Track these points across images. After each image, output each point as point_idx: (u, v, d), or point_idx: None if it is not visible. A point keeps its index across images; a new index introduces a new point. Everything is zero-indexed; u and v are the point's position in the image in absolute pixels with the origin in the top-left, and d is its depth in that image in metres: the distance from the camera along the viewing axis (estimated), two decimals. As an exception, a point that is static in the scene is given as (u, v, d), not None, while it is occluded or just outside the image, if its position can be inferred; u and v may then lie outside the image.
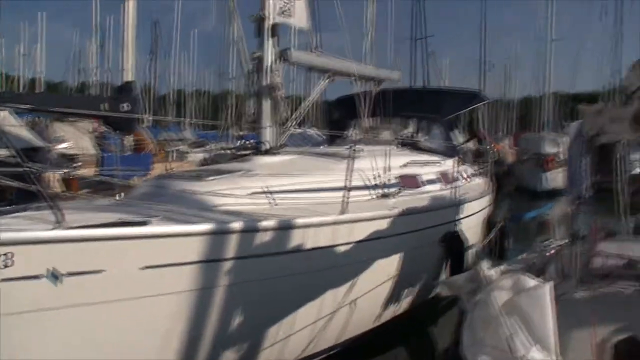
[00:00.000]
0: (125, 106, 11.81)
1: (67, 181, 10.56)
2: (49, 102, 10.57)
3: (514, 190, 22.52)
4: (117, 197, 6.05)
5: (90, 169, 11.23)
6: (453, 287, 4.03)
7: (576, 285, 4.11)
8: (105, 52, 37.24)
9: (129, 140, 12.88)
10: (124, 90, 11.97)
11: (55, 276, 3.57)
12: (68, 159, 12.09)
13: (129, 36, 12.46)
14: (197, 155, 23.35)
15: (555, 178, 23.32)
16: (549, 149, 25.30)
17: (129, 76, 12.69)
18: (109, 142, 12.77)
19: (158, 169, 12.49)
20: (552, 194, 23.17)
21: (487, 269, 3.53)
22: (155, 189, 5.50)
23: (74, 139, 14.28)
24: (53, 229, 3.57)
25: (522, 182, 23.98)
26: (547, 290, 3.10)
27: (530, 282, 3.18)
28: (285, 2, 7.50)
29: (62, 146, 15.85)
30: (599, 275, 4.28)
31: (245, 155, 7.29)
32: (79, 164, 11.33)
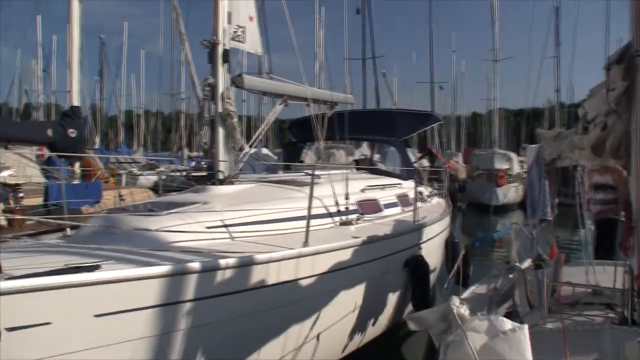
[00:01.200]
0: (72, 132, 11.44)
1: (10, 212, 10.04)
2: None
3: (467, 206, 22.88)
4: (65, 234, 5.71)
5: (36, 199, 10.72)
6: (422, 323, 3.88)
7: (545, 316, 4.04)
8: (49, 74, 36.37)
9: (76, 167, 12.35)
10: (71, 115, 11.54)
11: None
12: (11, 189, 11.49)
13: (74, 60, 11.99)
14: (149, 178, 22.92)
15: (507, 193, 23.79)
16: (501, 165, 25.84)
17: (74, 100, 12.22)
18: (56, 169, 12.24)
19: (108, 196, 12.05)
20: (505, 209, 23.64)
21: (459, 307, 3.40)
22: (105, 226, 5.19)
23: (18, 166, 13.64)
24: None
25: (475, 198, 24.38)
26: (524, 334, 3.00)
27: (507, 324, 3.07)
28: (237, 27, 7.33)
29: (4, 174, 15.10)
30: (566, 304, 4.22)
31: (199, 176, 6.99)
32: (22, 194, 10.76)
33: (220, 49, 6.92)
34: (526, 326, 3.07)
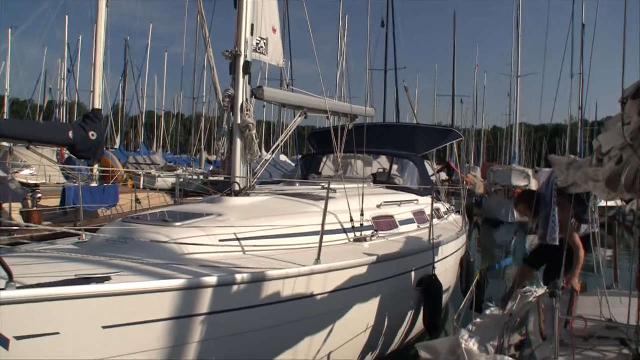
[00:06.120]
0: (93, 135, 11.55)
1: (27, 212, 10.17)
2: (15, 128, 10.21)
3: (483, 221, 22.68)
4: (80, 238, 5.72)
5: (55, 201, 10.85)
6: (432, 353, 3.83)
7: (557, 350, 3.95)
8: (74, 74, 36.89)
9: (95, 168, 12.48)
10: (92, 118, 11.66)
11: (1, 342, 3.26)
12: (30, 189, 11.64)
13: (98, 64, 12.14)
14: (167, 180, 23.10)
15: (524, 211, 23.49)
16: (518, 181, 25.58)
17: (96, 103, 12.35)
18: (76, 171, 12.36)
19: (125, 199, 12.14)
20: (521, 226, 23.35)
21: (467, 341, 3.35)
22: (119, 235, 5.20)
23: (38, 166, 13.82)
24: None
25: (491, 214, 24.17)
26: None
27: None
28: (260, 39, 7.33)
29: (25, 173, 15.32)
30: (579, 336, 4.12)
31: (216, 181, 6.93)
32: (39, 195, 10.89)
33: (241, 61, 6.93)
34: None
